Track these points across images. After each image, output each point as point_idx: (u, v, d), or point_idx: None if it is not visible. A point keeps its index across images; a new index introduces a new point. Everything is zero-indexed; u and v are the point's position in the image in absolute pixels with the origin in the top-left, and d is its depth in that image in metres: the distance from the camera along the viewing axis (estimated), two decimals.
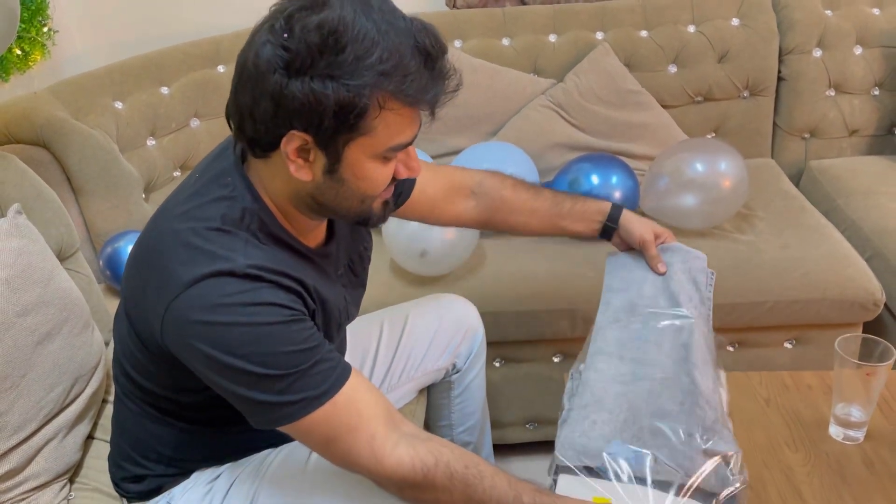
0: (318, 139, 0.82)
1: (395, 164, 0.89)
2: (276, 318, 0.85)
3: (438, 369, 1.37)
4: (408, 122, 0.84)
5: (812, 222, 1.81)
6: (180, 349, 0.88)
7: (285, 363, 0.85)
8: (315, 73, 0.78)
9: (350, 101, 0.78)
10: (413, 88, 0.80)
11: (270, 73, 0.79)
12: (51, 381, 1.14)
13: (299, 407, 0.86)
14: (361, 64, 0.78)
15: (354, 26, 0.77)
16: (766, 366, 1.71)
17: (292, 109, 0.79)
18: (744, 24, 2.04)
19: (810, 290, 1.62)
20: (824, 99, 2.07)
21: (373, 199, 0.91)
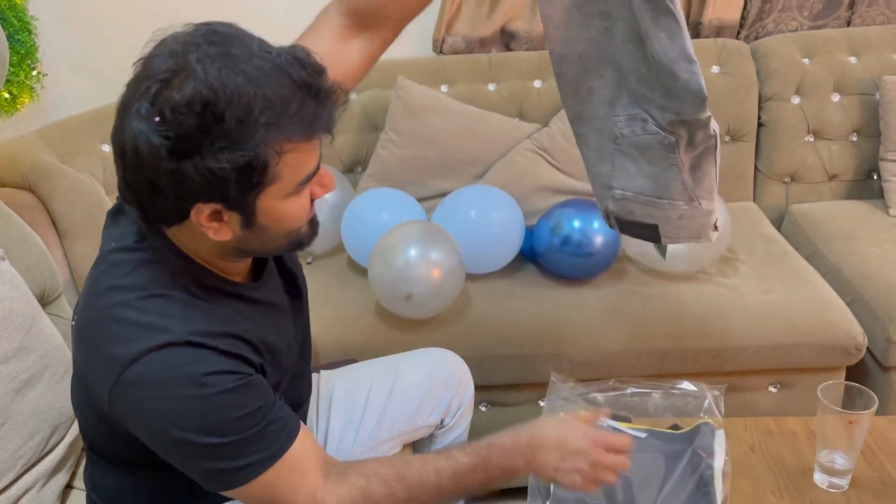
0: (227, 204, 0.80)
1: (308, 190, 0.87)
2: (223, 387, 0.84)
3: (429, 425, 1.36)
4: (309, 153, 0.82)
5: (794, 266, 1.83)
6: (131, 424, 0.87)
7: (236, 428, 0.85)
8: (204, 152, 0.74)
9: (248, 164, 0.76)
10: (304, 126, 0.78)
11: (158, 160, 0.75)
12: (30, 430, 1.13)
13: (249, 471, 0.87)
14: (246, 125, 0.75)
15: (225, 89, 0.73)
16: (752, 410, 1.71)
17: (191, 189, 0.77)
18: (724, 72, 2.09)
19: (793, 335, 1.64)
20: (803, 144, 2.11)
21: (301, 229, 0.90)
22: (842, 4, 2.18)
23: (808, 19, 2.19)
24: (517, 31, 2.19)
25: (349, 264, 1.95)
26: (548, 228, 1.79)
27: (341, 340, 1.69)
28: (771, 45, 2.12)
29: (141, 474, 1.02)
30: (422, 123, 2.00)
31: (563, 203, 1.85)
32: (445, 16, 2.14)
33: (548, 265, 1.82)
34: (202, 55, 0.75)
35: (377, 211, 1.85)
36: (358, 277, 1.88)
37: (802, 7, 2.17)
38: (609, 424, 1.24)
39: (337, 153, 2.13)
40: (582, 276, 1.82)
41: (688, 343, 1.65)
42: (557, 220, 1.78)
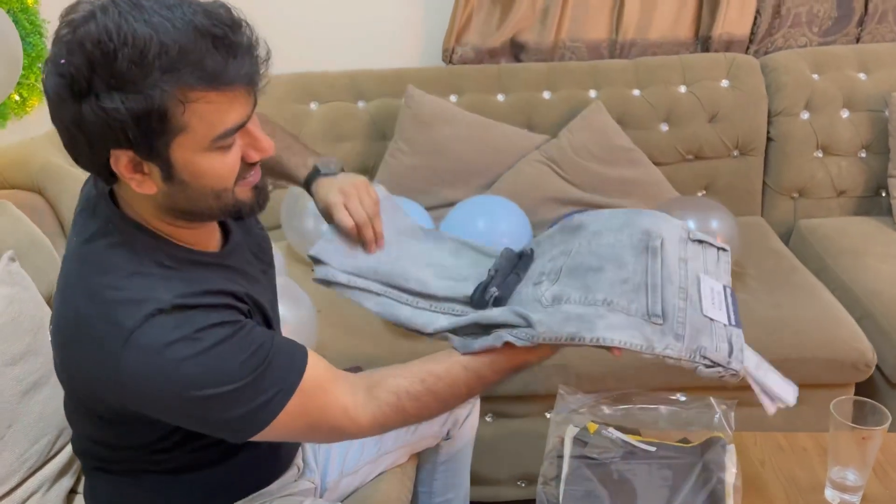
0: (138, 151, 0.79)
1: (239, 150, 0.85)
2: (219, 337, 0.84)
3: (434, 436, 1.35)
4: (226, 107, 0.79)
5: (803, 282, 1.82)
6: (144, 405, 0.86)
7: (244, 371, 0.84)
8: (97, 92, 0.74)
9: (144, 107, 0.75)
10: (206, 74, 0.76)
11: (62, 102, 0.77)
12: (36, 433, 1.12)
13: (272, 406, 0.86)
14: (140, 67, 0.74)
15: (120, 32, 0.73)
16: (760, 425, 1.69)
17: (96, 132, 0.77)
18: (733, 86, 2.09)
19: (802, 350, 1.63)
20: (812, 160, 2.11)
21: (230, 191, 0.86)
22: (851, 21, 2.18)
23: (818, 35, 2.20)
24: (527, 42, 2.19)
25: None
26: None
27: (347, 348, 1.68)
28: (781, 60, 2.12)
29: (144, 482, 1.02)
30: (431, 133, 2.00)
31: (572, 213, 1.85)
32: (455, 26, 2.15)
33: None
34: (112, 4, 0.76)
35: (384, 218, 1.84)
36: None
37: (812, 23, 2.18)
38: (617, 436, 1.23)
39: (346, 162, 2.13)
40: None
41: None
42: None
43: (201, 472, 1.03)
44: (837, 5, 2.16)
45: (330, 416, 0.91)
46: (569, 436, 1.25)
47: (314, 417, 0.90)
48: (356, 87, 2.11)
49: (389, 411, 0.93)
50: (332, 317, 1.75)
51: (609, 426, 1.25)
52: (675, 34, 2.20)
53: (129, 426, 0.94)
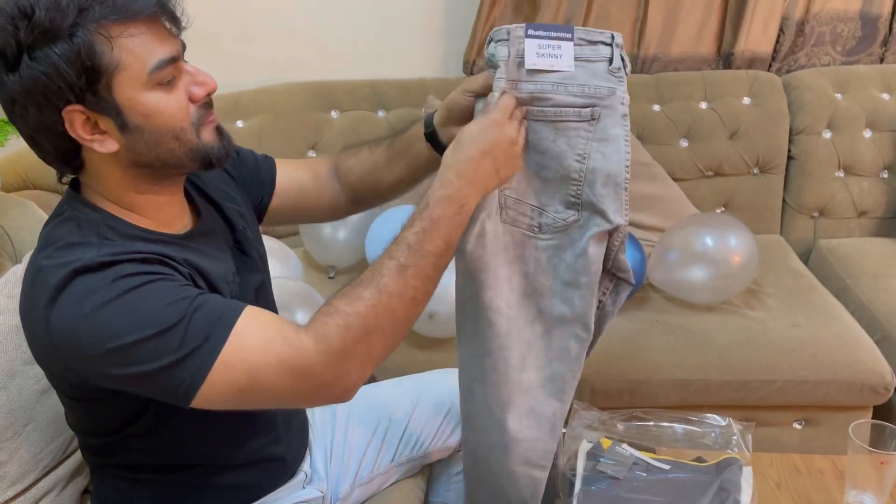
0: (85, 103, 0.82)
1: (182, 89, 0.87)
2: (142, 281, 0.82)
3: (448, 447, 1.35)
4: (153, 40, 0.83)
5: (822, 302, 1.80)
6: (81, 365, 0.84)
7: (170, 315, 0.81)
8: (27, 48, 0.78)
9: (73, 50, 0.79)
10: (119, 4, 0.80)
11: (3, 80, 0.80)
12: (52, 432, 1.13)
13: (207, 350, 0.80)
14: (56, 13, 0.78)
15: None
16: (775, 446, 1.69)
17: (41, 93, 0.80)
18: (755, 104, 2.08)
19: (820, 371, 1.61)
20: (833, 179, 2.10)
21: (189, 132, 0.88)
22: (875, 41, 2.17)
23: (841, 54, 2.19)
24: None
25: None
26: None
27: None
28: (803, 78, 2.11)
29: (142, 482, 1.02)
30: None
31: None
32: (477, 38, 2.15)
33: None
34: None
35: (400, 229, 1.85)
36: None
37: (836, 42, 2.17)
38: (631, 453, 1.23)
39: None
40: None
41: (711, 374, 1.63)
42: None
43: (199, 472, 1.03)
44: (861, 25, 2.15)
45: (273, 351, 0.82)
46: (582, 451, 1.24)
47: (257, 358, 0.82)
48: (377, 95, 2.12)
49: (327, 320, 0.83)
50: None
51: (623, 442, 1.24)
52: (698, 50, 2.20)
53: (96, 404, 0.93)
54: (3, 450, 1.05)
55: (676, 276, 1.76)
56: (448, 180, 0.89)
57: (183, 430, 1.00)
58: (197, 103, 0.89)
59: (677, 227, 1.81)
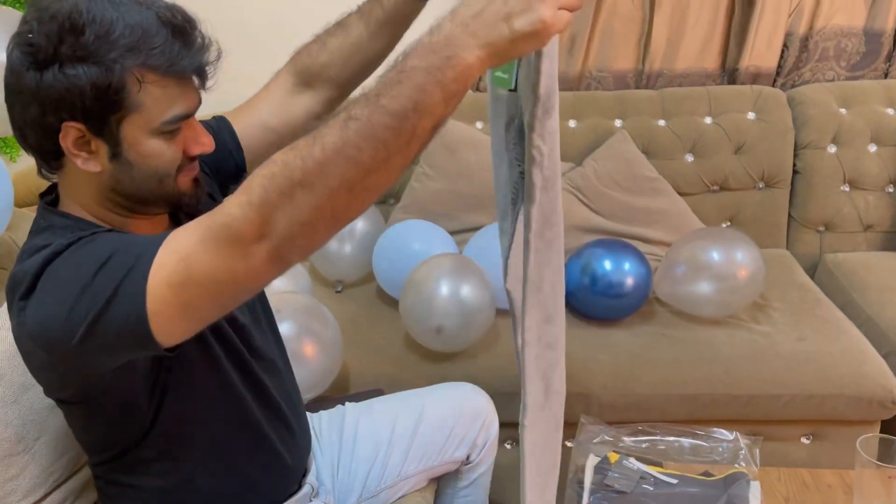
0: (90, 126, 0.83)
1: (182, 141, 0.89)
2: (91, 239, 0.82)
3: (454, 461, 1.35)
4: (177, 94, 0.85)
5: (828, 315, 1.80)
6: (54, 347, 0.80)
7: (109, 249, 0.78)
8: (62, 60, 0.80)
9: (104, 79, 0.80)
10: (165, 58, 0.82)
11: (24, 73, 0.81)
12: (63, 446, 1.13)
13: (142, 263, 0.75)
14: (105, 42, 0.80)
15: (90, 10, 0.80)
16: (783, 461, 1.68)
17: (54, 100, 0.81)
18: (759, 118, 2.09)
19: (827, 386, 1.61)
20: (839, 194, 2.10)
21: (171, 178, 0.90)
22: (880, 56, 2.18)
23: (846, 70, 2.20)
24: None
25: (379, 294, 1.96)
26: (578, 267, 1.78)
27: (369, 370, 1.69)
28: (808, 93, 2.12)
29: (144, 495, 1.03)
30: (456, 158, 2.02)
31: (594, 242, 1.85)
32: None
33: (577, 304, 1.82)
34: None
35: (409, 243, 1.86)
36: (387, 308, 1.89)
37: (840, 58, 2.18)
38: (639, 467, 1.23)
39: None
40: (611, 317, 1.81)
41: (718, 389, 1.63)
42: (588, 259, 1.78)
43: (201, 484, 1.04)
44: (866, 41, 2.16)
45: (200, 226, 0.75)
46: (590, 465, 1.24)
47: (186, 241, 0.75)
48: None
49: (256, 171, 0.73)
50: (357, 339, 1.76)
51: (630, 456, 1.25)
52: (702, 65, 2.21)
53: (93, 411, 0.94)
54: (14, 463, 1.05)
55: (683, 290, 1.76)
56: (439, 25, 0.70)
57: (190, 457, 1.01)
58: (188, 156, 0.91)
59: (683, 242, 1.81)
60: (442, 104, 0.69)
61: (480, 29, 0.68)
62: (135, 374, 0.90)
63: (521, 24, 0.68)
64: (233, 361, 1.02)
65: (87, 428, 1.01)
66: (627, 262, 1.76)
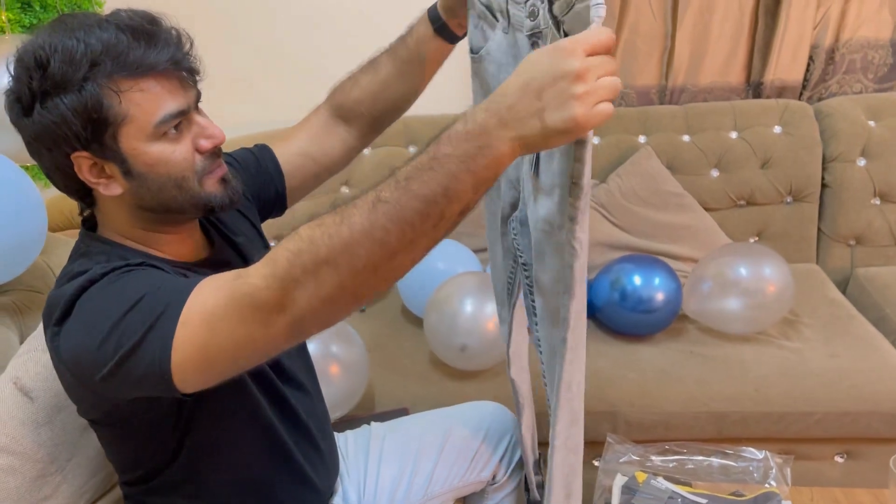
0: (93, 150, 0.85)
1: (189, 139, 0.89)
2: (126, 272, 0.84)
3: (480, 481, 1.34)
4: (161, 94, 0.85)
5: (861, 331, 1.77)
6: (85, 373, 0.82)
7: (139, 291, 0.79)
8: (39, 97, 0.82)
9: (80, 101, 0.82)
10: (131, 60, 0.82)
11: (20, 121, 0.85)
12: (94, 467, 1.15)
13: (169, 314, 0.77)
14: (69, 66, 0.81)
15: (51, 44, 0.82)
16: (817, 480, 1.65)
17: (50, 137, 0.84)
18: (786, 132, 2.07)
19: (861, 403, 1.58)
20: (869, 207, 2.07)
21: (191, 181, 0.89)
22: None
23: (873, 82, 2.17)
24: None
25: (403, 313, 1.96)
26: (607, 283, 1.78)
27: (394, 388, 1.69)
28: (835, 106, 2.10)
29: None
30: None
31: (624, 258, 1.84)
32: None
33: (606, 320, 1.81)
34: (44, 29, 0.85)
35: (433, 261, 1.87)
36: (412, 327, 1.90)
37: (867, 70, 2.15)
38: (667, 487, 1.21)
39: None
40: (640, 333, 1.79)
41: (748, 407, 1.61)
42: (617, 274, 1.77)
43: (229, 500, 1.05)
44: (893, 52, 2.14)
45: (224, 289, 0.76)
46: (617, 485, 1.23)
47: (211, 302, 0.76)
48: (408, 132, 2.15)
49: (283, 243, 0.73)
50: (381, 358, 1.76)
51: (658, 476, 1.23)
52: (726, 80, 2.20)
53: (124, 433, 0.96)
54: (48, 483, 1.07)
55: (711, 306, 1.74)
56: (473, 113, 0.69)
57: (218, 481, 1.02)
58: (203, 154, 0.91)
59: (710, 258, 1.80)
60: (472, 191, 0.69)
61: (513, 121, 0.67)
62: (161, 400, 0.91)
63: (553, 122, 0.66)
64: (261, 385, 1.03)
65: (117, 449, 1.02)
66: (658, 276, 1.75)
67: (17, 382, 1.08)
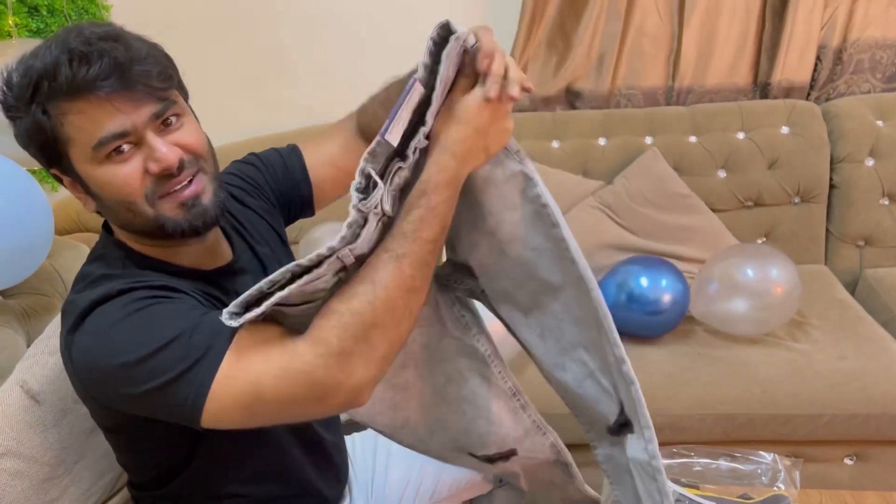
0: (59, 169, 0.88)
1: (139, 161, 0.86)
2: (150, 302, 0.84)
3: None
4: (100, 116, 0.82)
5: (870, 333, 1.76)
6: (98, 389, 0.85)
7: (173, 329, 0.81)
8: (11, 114, 0.86)
9: (29, 125, 0.84)
10: (59, 83, 0.81)
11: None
12: (101, 469, 1.15)
13: (208, 362, 0.79)
14: (21, 89, 0.83)
15: (21, 63, 0.84)
16: (826, 483, 1.64)
17: (32, 152, 0.88)
18: (794, 133, 2.06)
19: (870, 405, 1.57)
20: (878, 207, 2.05)
21: (140, 205, 0.87)
22: None
23: (882, 81, 2.16)
24: (582, 90, 2.21)
25: None
26: (614, 285, 1.77)
27: None
28: (843, 106, 2.09)
29: None
30: None
31: (630, 260, 1.84)
32: None
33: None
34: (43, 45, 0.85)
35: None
36: None
37: (875, 69, 2.14)
38: (675, 489, 1.20)
39: None
40: (647, 335, 1.79)
41: (756, 409, 1.60)
42: (624, 276, 1.77)
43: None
44: None
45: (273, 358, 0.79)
46: None
47: (258, 367, 0.79)
48: None
49: (323, 323, 0.78)
50: None
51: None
52: (733, 81, 2.19)
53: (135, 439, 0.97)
54: (55, 486, 1.08)
55: (718, 308, 1.74)
56: (445, 164, 0.81)
57: (227, 492, 1.02)
58: (154, 176, 0.87)
59: (717, 259, 1.79)
60: (452, 212, 0.85)
61: (472, 160, 0.83)
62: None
63: (494, 151, 0.86)
64: None
65: (126, 455, 1.03)
66: (665, 278, 1.75)
67: (25, 386, 1.08)
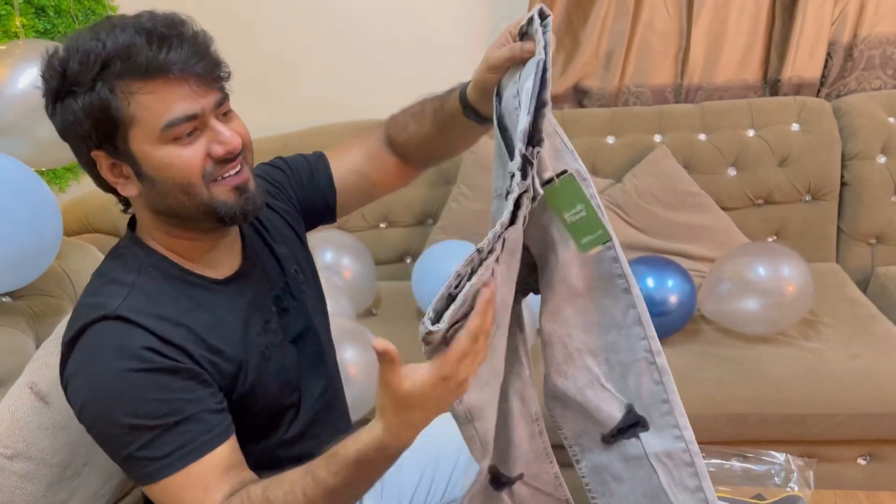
0: (107, 150, 0.86)
1: (202, 144, 0.87)
2: (149, 364, 0.84)
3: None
4: (172, 97, 0.84)
5: (882, 331, 1.74)
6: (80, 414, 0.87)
7: (154, 411, 0.83)
8: (60, 98, 0.85)
9: (92, 102, 0.83)
10: (140, 62, 0.82)
11: (50, 116, 0.87)
12: (109, 472, 1.15)
13: (164, 465, 0.84)
14: (85, 67, 0.82)
15: (76, 45, 0.84)
16: (839, 483, 1.62)
17: (70, 134, 0.86)
18: (804, 130, 2.05)
19: (883, 404, 1.55)
20: (890, 205, 2.04)
21: (198, 187, 0.87)
22: None
23: (893, 78, 2.14)
24: (590, 89, 2.20)
25: (419, 315, 1.96)
26: None
27: None
28: (854, 103, 2.07)
29: None
30: None
31: (637, 260, 1.83)
32: None
33: None
34: (82, 29, 0.87)
35: (448, 263, 1.86)
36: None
37: (886, 66, 2.12)
38: None
39: (409, 206, 2.17)
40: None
41: (768, 408, 1.59)
42: None
43: None
44: None
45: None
46: None
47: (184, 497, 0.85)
48: None
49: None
50: None
51: None
52: (742, 78, 2.18)
53: None
54: (64, 488, 1.08)
55: (728, 307, 1.72)
56: (381, 441, 0.83)
57: None
58: (215, 159, 0.88)
59: (728, 257, 1.78)
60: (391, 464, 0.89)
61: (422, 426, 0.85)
62: None
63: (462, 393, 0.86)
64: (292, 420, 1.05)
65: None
66: (671, 279, 1.73)
67: (34, 387, 1.08)
